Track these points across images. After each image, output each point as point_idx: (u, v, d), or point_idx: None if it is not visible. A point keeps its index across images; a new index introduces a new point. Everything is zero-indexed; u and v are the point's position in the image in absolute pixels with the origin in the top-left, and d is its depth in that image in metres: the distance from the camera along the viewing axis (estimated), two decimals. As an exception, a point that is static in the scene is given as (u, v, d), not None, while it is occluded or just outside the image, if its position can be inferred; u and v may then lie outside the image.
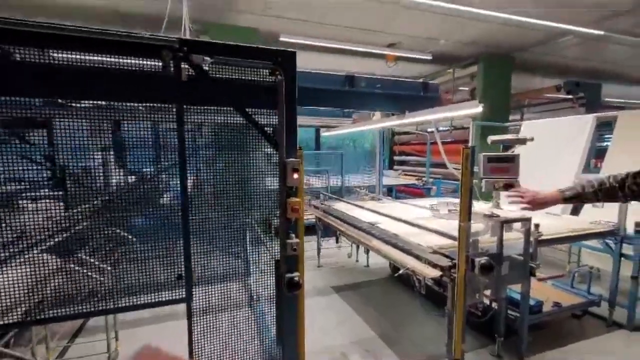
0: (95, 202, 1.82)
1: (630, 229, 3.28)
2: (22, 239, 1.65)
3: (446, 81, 8.33)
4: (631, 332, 3.38)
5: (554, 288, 3.75)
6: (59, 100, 1.73)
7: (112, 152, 1.93)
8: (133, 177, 1.98)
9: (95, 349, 2.89)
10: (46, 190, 1.98)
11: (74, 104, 1.72)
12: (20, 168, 1.54)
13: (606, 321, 3.49)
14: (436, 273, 2.20)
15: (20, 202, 1.83)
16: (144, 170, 1.90)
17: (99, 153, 1.95)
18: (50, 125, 1.74)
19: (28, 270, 1.57)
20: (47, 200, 1.74)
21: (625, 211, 3.26)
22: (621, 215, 3.26)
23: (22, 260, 1.62)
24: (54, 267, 1.65)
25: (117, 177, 2.03)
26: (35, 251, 1.72)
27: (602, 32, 5.73)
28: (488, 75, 7.17)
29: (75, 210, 1.77)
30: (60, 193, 1.89)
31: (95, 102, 1.70)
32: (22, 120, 1.72)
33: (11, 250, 1.62)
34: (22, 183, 1.73)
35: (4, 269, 1.54)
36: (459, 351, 2.24)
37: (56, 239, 1.73)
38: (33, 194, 1.89)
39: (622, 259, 3.36)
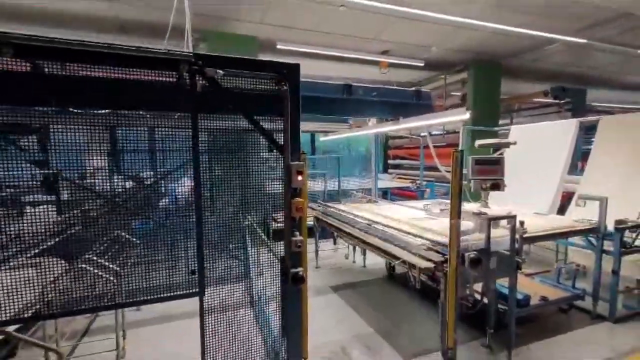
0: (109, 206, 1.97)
1: (610, 227, 3.49)
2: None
3: (438, 87, 8.59)
4: (614, 323, 3.58)
5: (541, 283, 3.95)
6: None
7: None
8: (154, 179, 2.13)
9: (100, 349, 2.97)
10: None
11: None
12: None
13: (590, 314, 3.70)
14: (429, 264, 2.37)
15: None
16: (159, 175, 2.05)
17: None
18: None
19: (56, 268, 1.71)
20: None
21: (605, 210, 3.47)
22: (602, 214, 3.47)
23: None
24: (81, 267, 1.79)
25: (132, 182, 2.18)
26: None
27: (585, 41, 6.03)
28: (478, 81, 7.43)
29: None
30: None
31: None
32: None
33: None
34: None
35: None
36: (451, 340, 2.41)
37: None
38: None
39: (604, 254, 3.57)
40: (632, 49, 6.47)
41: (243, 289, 2.38)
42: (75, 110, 1.74)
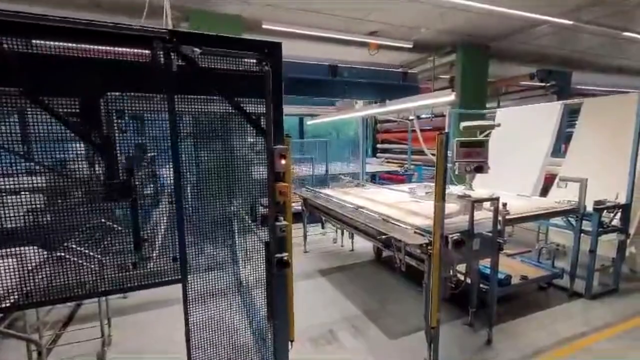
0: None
1: (589, 207, 3.58)
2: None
3: (427, 69, 8.52)
4: (589, 300, 3.74)
5: (522, 263, 4.07)
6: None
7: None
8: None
9: (85, 337, 2.93)
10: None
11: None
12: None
13: (567, 291, 3.85)
14: (417, 241, 2.40)
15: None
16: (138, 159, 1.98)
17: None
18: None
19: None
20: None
21: (585, 191, 3.56)
22: (582, 195, 3.56)
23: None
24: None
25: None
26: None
27: (571, 22, 6.02)
28: (466, 63, 7.40)
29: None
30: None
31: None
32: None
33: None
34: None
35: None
36: (434, 320, 2.46)
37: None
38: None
39: (582, 234, 3.69)
40: (617, 32, 6.50)
41: (228, 274, 2.36)
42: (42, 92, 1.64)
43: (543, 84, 7.79)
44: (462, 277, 2.90)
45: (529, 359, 2.80)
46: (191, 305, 2.00)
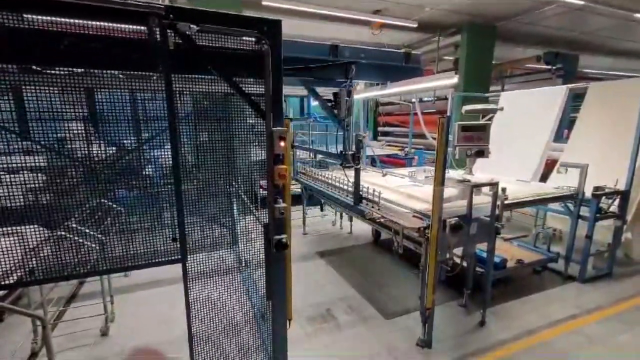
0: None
1: (588, 194, 3.59)
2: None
3: (430, 50, 8.32)
4: (582, 283, 3.81)
5: (519, 247, 4.12)
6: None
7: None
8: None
9: (89, 313, 3.01)
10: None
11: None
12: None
13: (562, 275, 3.91)
14: (415, 225, 2.42)
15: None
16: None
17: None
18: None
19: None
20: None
21: (585, 177, 3.55)
22: (581, 181, 3.55)
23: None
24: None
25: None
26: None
27: (582, 2, 5.83)
28: (471, 45, 7.21)
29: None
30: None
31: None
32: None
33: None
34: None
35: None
36: (430, 301, 2.52)
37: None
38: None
39: (580, 220, 3.71)
40: (629, 13, 6.30)
41: (229, 254, 2.40)
42: (38, 69, 1.60)
43: (549, 67, 7.62)
44: (458, 260, 2.94)
45: (520, 340, 2.88)
46: (191, 284, 2.04)
